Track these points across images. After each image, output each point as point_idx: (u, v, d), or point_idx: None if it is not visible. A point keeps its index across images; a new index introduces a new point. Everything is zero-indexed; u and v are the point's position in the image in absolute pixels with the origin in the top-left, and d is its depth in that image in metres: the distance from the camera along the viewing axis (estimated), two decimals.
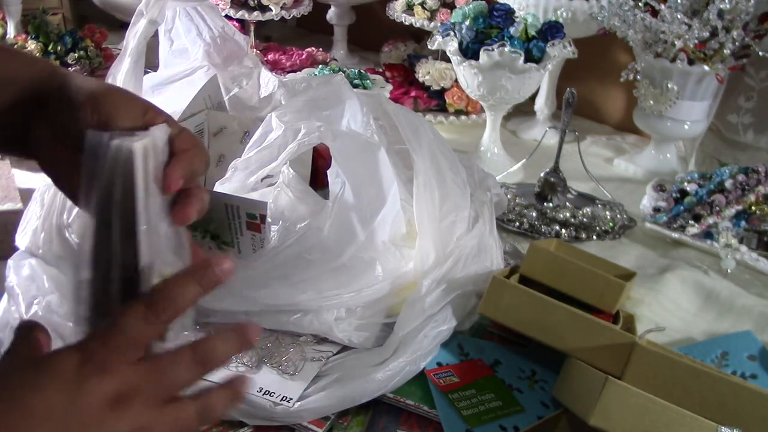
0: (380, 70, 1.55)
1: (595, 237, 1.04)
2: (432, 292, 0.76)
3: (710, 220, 0.99)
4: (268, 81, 0.96)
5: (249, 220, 0.71)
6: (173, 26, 1.10)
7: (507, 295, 0.74)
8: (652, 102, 1.19)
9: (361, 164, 0.76)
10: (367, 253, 0.75)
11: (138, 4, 1.02)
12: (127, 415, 0.38)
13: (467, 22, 1.17)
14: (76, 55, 1.40)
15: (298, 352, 0.73)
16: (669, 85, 1.15)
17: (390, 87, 1.40)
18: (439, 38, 1.19)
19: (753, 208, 0.99)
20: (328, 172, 0.74)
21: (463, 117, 1.42)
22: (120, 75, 0.97)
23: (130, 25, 1.00)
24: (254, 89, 0.97)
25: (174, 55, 1.09)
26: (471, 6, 1.19)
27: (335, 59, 1.62)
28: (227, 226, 0.73)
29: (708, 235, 1.00)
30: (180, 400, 0.42)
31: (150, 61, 1.20)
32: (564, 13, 1.25)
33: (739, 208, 0.99)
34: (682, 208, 1.03)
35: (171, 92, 1.07)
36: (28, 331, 0.42)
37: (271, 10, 1.51)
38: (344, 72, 1.36)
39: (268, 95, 0.98)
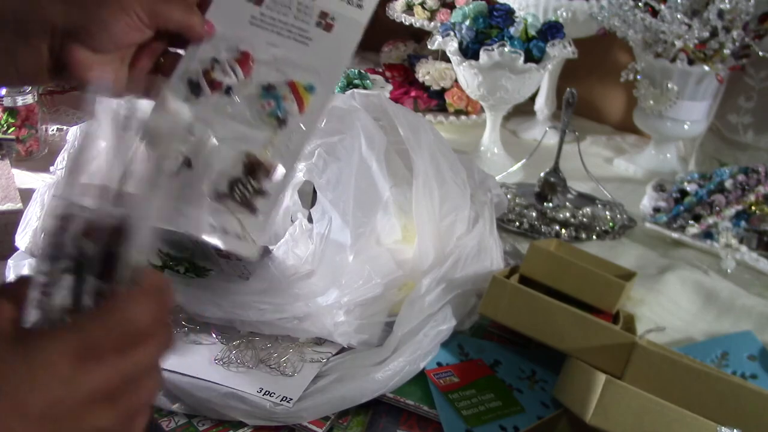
0: (380, 70, 1.55)
1: (595, 237, 1.04)
2: (432, 291, 0.76)
3: (710, 220, 0.99)
4: None
5: (216, 250, 0.72)
6: None
7: (507, 295, 0.74)
8: (652, 102, 1.19)
9: (353, 173, 0.77)
10: (358, 260, 0.75)
11: None
12: (118, 407, 0.36)
13: (467, 22, 1.17)
14: None
15: (297, 354, 0.73)
16: (669, 85, 1.15)
17: (390, 87, 1.40)
18: (439, 38, 1.19)
19: (753, 208, 0.99)
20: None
21: (463, 117, 1.42)
22: None
23: None
24: None
25: None
26: (471, 6, 1.19)
27: None
28: (201, 253, 0.74)
29: (708, 235, 1.00)
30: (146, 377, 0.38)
31: None
32: (564, 13, 1.25)
33: (739, 208, 0.99)
34: (682, 208, 1.03)
35: None
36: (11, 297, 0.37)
37: None
38: (344, 72, 1.36)
39: None
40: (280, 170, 0.55)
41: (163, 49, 0.59)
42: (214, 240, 0.53)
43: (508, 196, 1.07)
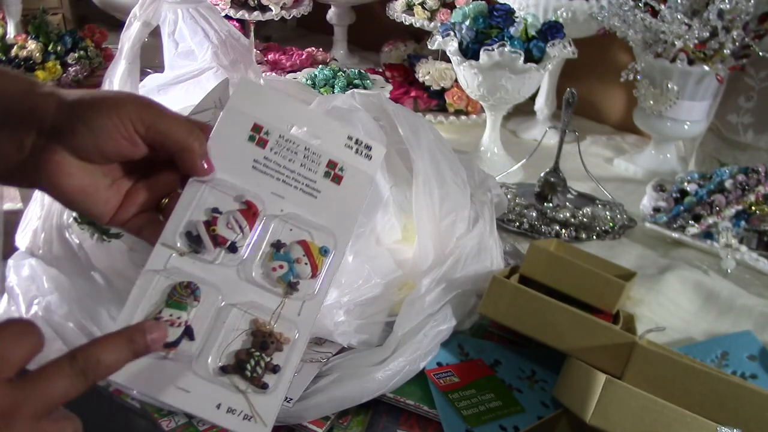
0: (380, 70, 1.55)
1: (595, 237, 1.04)
2: (432, 291, 0.76)
3: (710, 220, 0.99)
4: None
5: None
6: (176, 28, 1.10)
7: (507, 295, 0.74)
8: (652, 102, 1.19)
9: None
10: (358, 260, 0.75)
11: (137, 4, 1.02)
12: None
13: (467, 22, 1.17)
14: (76, 55, 1.40)
15: None
16: (669, 85, 1.15)
17: (390, 87, 1.40)
18: (439, 38, 1.19)
19: (753, 208, 0.99)
20: None
21: (463, 117, 1.42)
22: (116, 78, 0.97)
23: (125, 27, 1.01)
24: None
25: (180, 57, 1.09)
26: (471, 6, 1.19)
27: (335, 59, 1.63)
28: None
29: (708, 235, 1.00)
30: (61, 419, 0.40)
31: (153, 62, 1.21)
32: (564, 13, 1.25)
33: (739, 208, 0.99)
34: (682, 208, 1.03)
35: (177, 92, 1.08)
36: None
37: (271, 10, 1.52)
38: (344, 72, 1.36)
39: None
40: (292, 342, 0.50)
41: (165, 188, 0.53)
42: (219, 420, 0.48)
43: (508, 196, 1.07)
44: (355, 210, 0.54)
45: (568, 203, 1.08)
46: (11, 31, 1.51)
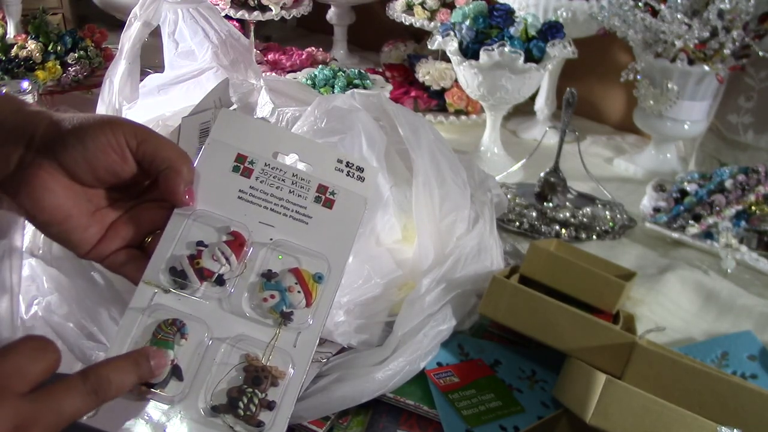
0: (380, 70, 1.55)
1: (595, 237, 1.04)
2: (432, 291, 0.76)
3: (710, 220, 0.99)
4: (265, 104, 0.96)
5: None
6: (176, 28, 1.10)
7: (507, 295, 0.74)
8: (652, 102, 1.19)
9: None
10: (358, 260, 0.75)
11: (137, 4, 1.02)
12: None
13: (467, 22, 1.17)
14: (76, 55, 1.40)
15: None
16: (669, 85, 1.15)
17: (390, 87, 1.40)
18: (439, 38, 1.19)
19: (753, 208, 0.99)
20: None
21: (463, 117, 1.42)
22: (116, 78, 0.97)
23: (125, 27, 1.01)
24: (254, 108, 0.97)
25: (180, 57, 1.09)
26: (471, 6, 1.19)
27: (335, 59, 1.62)
28: None
29: (708, 235, 1.00)
30: None
31: (153, 62, 1.21)
32: (564, 13, 1.25)
33: (739, 208, 0.99)
34: (682, 208, 1.03)
35: (177, 92, 1.07)
36: None
37: (271, 10, 1.52)
38: (344, 72, 1.36)
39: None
40: (288, 376, 0.48)
41: (150, 225, 0.52)
42: None
43: (508, 196, 1.07)
44: (350, 233, 0.52)
45: (568, 203, 1.08)
46: (11, 31, 1.51)
